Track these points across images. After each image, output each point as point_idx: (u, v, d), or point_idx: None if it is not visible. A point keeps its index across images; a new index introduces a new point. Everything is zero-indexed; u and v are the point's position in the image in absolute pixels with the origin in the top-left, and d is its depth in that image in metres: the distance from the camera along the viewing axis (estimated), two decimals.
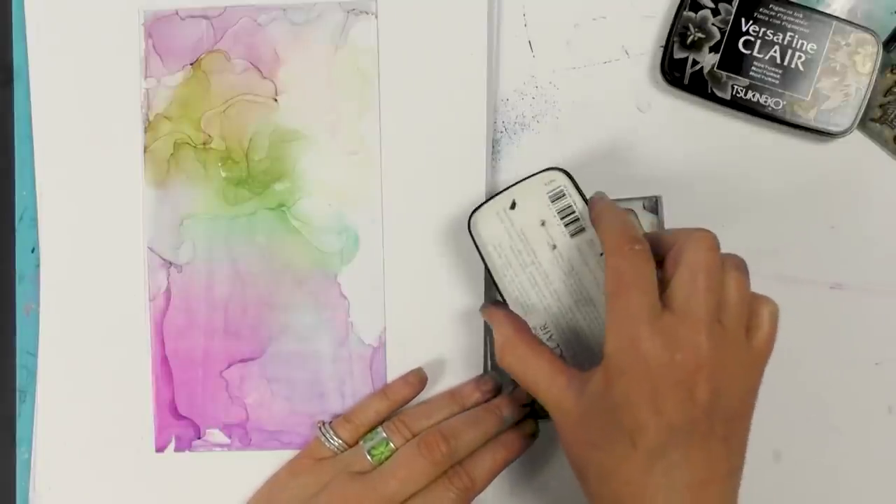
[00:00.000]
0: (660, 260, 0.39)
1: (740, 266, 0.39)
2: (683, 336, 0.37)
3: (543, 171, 0.44)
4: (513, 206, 0.43)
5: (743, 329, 0.38)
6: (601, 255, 0.42)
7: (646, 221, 0.48)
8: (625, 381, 0.37)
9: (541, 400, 0.40)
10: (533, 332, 0.43)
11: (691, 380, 0.36)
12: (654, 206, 0.48)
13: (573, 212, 0.43)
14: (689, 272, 0.37)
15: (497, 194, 0.44)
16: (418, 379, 0.48)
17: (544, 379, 0.40)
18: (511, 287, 0.43)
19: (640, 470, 0.37)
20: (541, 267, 0.43)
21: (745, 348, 0.38)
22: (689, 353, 0.36)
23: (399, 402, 0.48)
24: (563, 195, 0.43)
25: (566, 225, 0.43)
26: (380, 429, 0.46)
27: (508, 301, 0.43)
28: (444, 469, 0.44)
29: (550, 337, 0.43)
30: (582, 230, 0.43)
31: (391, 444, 0.45)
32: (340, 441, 0.46)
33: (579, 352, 0.43)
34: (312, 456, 0.47)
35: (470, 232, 0.44)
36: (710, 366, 0.36)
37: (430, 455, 0.43)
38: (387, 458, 0.45)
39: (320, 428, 0.47)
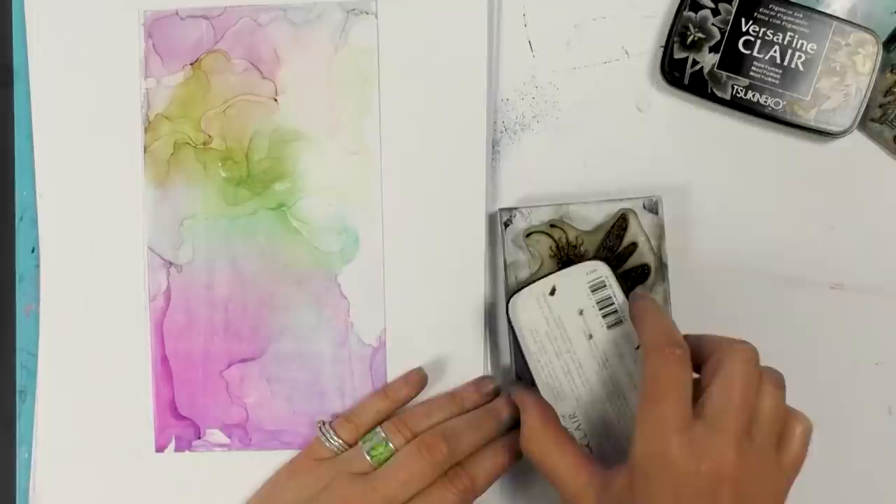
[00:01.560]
0: (698, 363, 0.39)
1: (778, 382, 0.39)
2: (712, 448, 0.37)
3: (586, 261, 0.45)
4: (553, 292, 0.44)
5: (773, 444, 0.38)
6: (637, 349, 0.42)
7: (646, 221, 0.48)
8: (649, 487, 0.37)
9: (559, 492, 0.40)
10: (561, 419, 0.43)
11: (715, 491, 0.36)
12: (654, 206, 0.48)
13: (612, 303, 0.43)
14: (726, 385, 0.38)
15: (538, 279, 0.44)
16: (418, 378, 0.48)
17: (566, 473, 0.40)
18: (544, 373, 0.44)
19: None
20: (575, 356, 0.43)
21: (773, 463, 0.38)
22: (715, 464, 0.36)
23: (399, 401, 0.47)
24: (604, 286, 0.44)
25: (604, 316, 0.43)
26: (379, 429, 0.46)
27: (540, 386, 0.44)
28: (443, 470, 0.44)
29: (578, 426, 0.43)
30: (619, 322, 0.43)
31: (391, 445, 0.45)
32: (340, 441, 0.46)
33: (606, 444, 0.43)
34: (312, 456, 0.47)
35: (507, 314, 0.44)
36: (736, 479, 0.36)
37: (430, 456, 0.43)
38: (386, 459, 0.45)
39: (320, 428, 0.47)
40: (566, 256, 0.48)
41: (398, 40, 0.50)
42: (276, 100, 0.50)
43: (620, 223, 0.48)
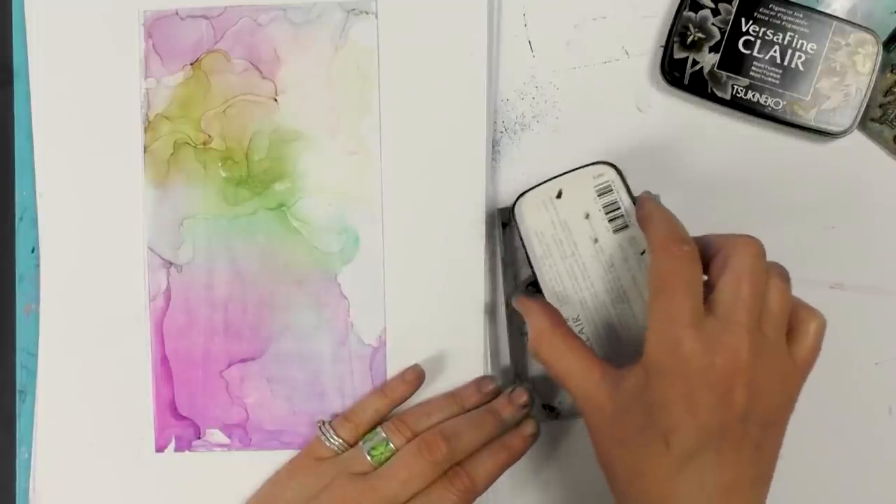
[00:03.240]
0: (705, 263, 0.39)
1: (783, 275, 0.39)
2: (724, 341, 0.37)
3: (593, 163, 0.44)
4: (559, 195, 0.43)
5: (783, 338, 0.39)
6: (642, 253, 0.42)
7: None
8: (663, 381, 0.37)
9: (573, 392, 0.40)
10: (560, 315, 0.42)
11: (728, 384, 0.36)
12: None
13: (618, 207, 0.43)
14: (734, 278, 0.38)
15: (544, 182, 0.44)
16: (416, 375, 0.48)
17: (578, 371, 0.40)
18: (549, 276, 0.43)
19: (670, 470, 0.37)
20: (580, 259, 0.43)
21: (785, 357, 0.39)
22: (728, 357, 0.36)
23: (398, 399, 0.48)
24: (611, 190, 0.43)
25: (610, 220, 0.43)
26: (379, 429, 0.46)
27: (545, 290, 0.43)
28: (444, 470, 0.44)
29: (581, 330, 0.43)
30: (625, 227, 0.43)
31: (391, 445, 0.45)
32: (340, 440, 0.46)
33: (609, 348, 0.43)
34: (312, 455, 0.47)
35: (513, 216, 0.44)
36: (749, 372, 0.37)
37: (430, 456, 0.43)
38: (387, 459, 0.45)
39: (320, 427, 0.47)
40: None
41: (398, 40, 0.50)
42: (276, 100, 0.50)
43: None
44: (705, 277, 0.39)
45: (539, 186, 0.44)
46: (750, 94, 0.48)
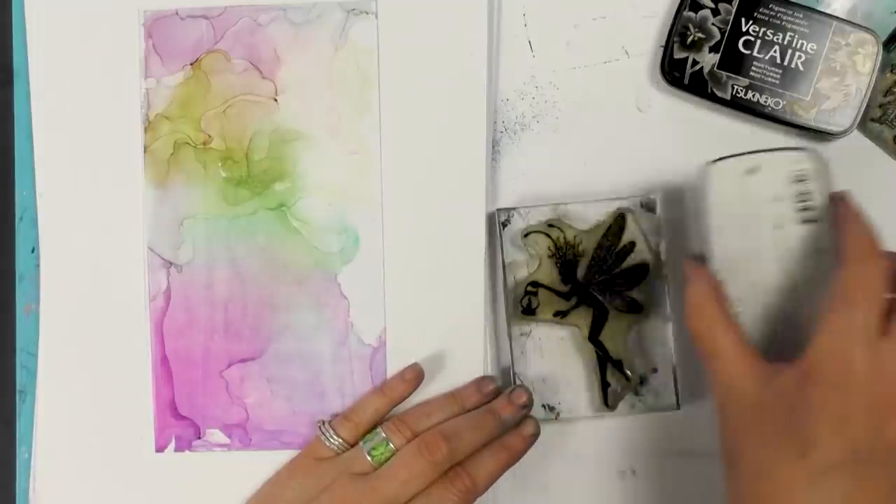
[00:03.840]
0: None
1: None
2: (894, 370, 0.36)
3: (795, 149, 0.42)
4: (752, 171, 0.41)
5: None
6: (819, 250, 0.40)
7: (644, 220, 0.48)
8: (821, 390, 0.36)
9: (715, 374, 0.39)
10: (723, 289, 0.41)
11: (887, 412, 0.35)
12: (651, 205, 0.48)
13: (811, 199, 0.41)
14: None
15: (740, 154, 0.42)
16: (415, 374, 0.48)
17: (728, 354, 0.38)
18: (721, 249, 0.41)
19: (800, 481, 0.36)
20: (759, 241, 0.41)
21: None
22: (894, 385, 0.36)
23: (397, 398, 0.47)
24: (806, 179, 0.41)
25: (799, 210, 0.41)
26: (379, 429, 0.46)
27: (714, 261, 0.41)
28: (444, 470, 0.44)
29: (740, 312, 0.41)
30: (813, 221, 0.41)
31: (391, 445, 0.45)
32: (340, 440, 0.46)
33: (763, 338, 0.41)
34: (312, 456, 0.47)
35: (702, 180, 0.42)
36: None
37: (430, 456, 0.43)
38: (387, 459, 0.44)
39: (320, 427, 0.47)
40: (564, 256, 0.48)
41: (398, 40, 0.50)
42: (276, 100, 0.50)
43: (618, 222, 0.48)
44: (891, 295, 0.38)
45: (733, 157, 0.42)
46: (750, 94, 0.48)
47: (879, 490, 0.36)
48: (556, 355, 0.49)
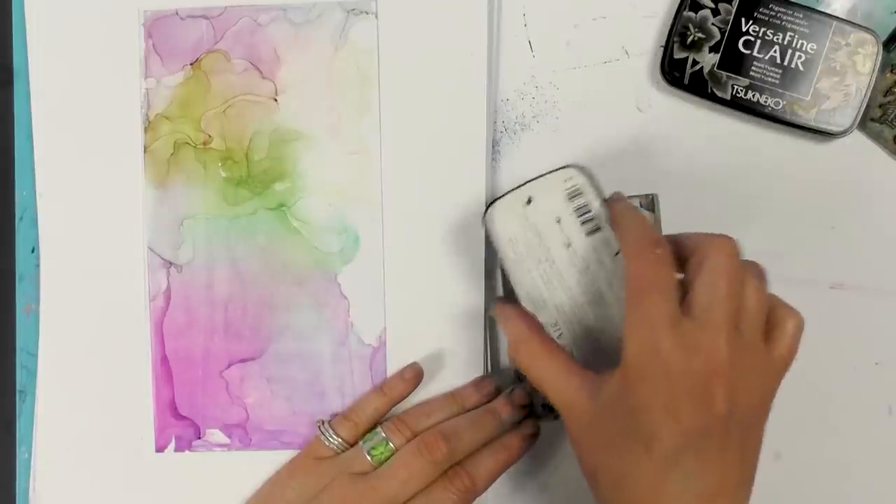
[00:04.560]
0: (680, 263, 0.39)
1: (760, 274, 0.39)
2: (703, 342, 0.37)
3: (561, 168, 0.43)
4: (529, 201, 0.43)
5: (761, 336, 0.38)
6: (616, 254, 0.42)
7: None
8: (643, 386, 0.37)
9: (553, 400, 0.40)
10: (536, 321, 0.42)
11: (709, 386, 0.36)
12: (650, 203, 0.48)
13: (589, 210, 0.43)
14: (711, 278, 0.37)
15: (514, 189, 0.43)
16: (414, 373, 0.48)
17: (558, 378, 0.40)
18: (523, 283, 0.43)
19: (653, 476, 0.37)
20: (554, 264, 0.42)
21: (763, 356, 0.38)
22: (707, 359, 0.36)
23: (396, 398, 0.48)
24: (580, 193, 0.43)
25: (582, 223, 0.43)
26: (379, 429, 0.46)
27: (520, 297, 0.43)
28: (443, 469, 0.44)
29: (561, 335, 0.43)
30: (598, 229, 0.42)
31: (391, 445, 0.45)
32: (340, 440, 0.46)
33: (589, 351, 0.43)
34: (312, 455, 0.47)
35: (485, 225, 0.44)
36: (728, 373, 0.36)
37: (429, 455, 0.43)
38: (387, 459, 0.45)
39: (320, 427, 0.47)
40: None
41: (398, 40, 0.50)
42: (276, 100, 0.50)
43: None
44: (681, 276, 0.39)
45: (508, 194, 0.43)
46: (750, 94, 0.48)
47: (726, 459, 0.37)
48: None
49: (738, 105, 0.48)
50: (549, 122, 0.50)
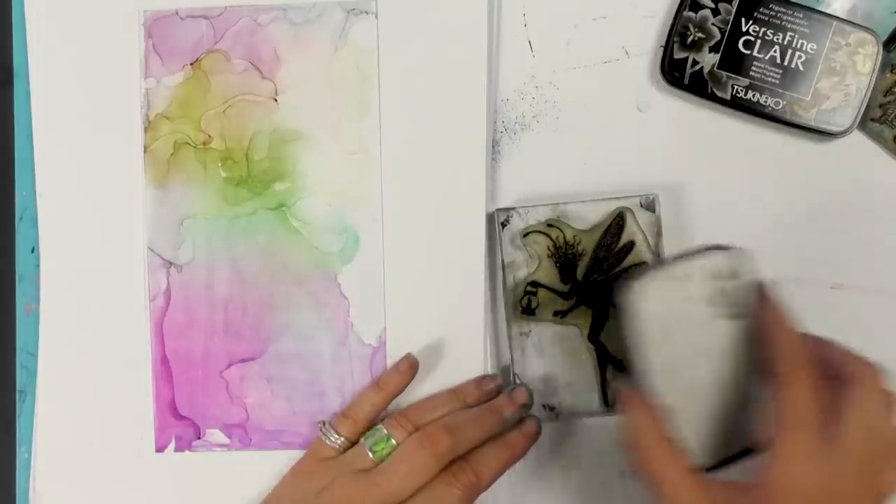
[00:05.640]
0: (826, 375, 0.39)
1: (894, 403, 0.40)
2: (842, 474, 0.37)
3: (709, 248, 0.41)
4: (677, 279, 0.41)
5: (887, 463, 0.39)
6: (750, 342, 0.41)
7: (643, 219, 0.48)
8: None
9: (664, 500, 0.39)
10: (665, 409, 0.41)
11: None
12: (651, 204, 0.48)
13: (735, 296, 0.41)
14: (862, 414, 0.38)
15: (659, 266, 0.41)
16: (409, 365, 0.47)
17: (676, 482, 0.39)
18: (653, 362, 0.41)
19: None
20: (689, 346, 0.41)
21: (879, 483, 0.39)
22: (851, 495, 0.37)
23: (393, 392, 0.47)
24: (731, 277, 0.41)
25: (725, 308, 0.41)
26: (381, 426, 0.46)
27: (650, 374, 0.41)
28: (445, 463, 0.44)
29: (682, 417, 0.41)
30: (740, 316, 0.41)
31: (392, 440, 0.45)
32: (342, 438, 0.46)
33: (709, 437, 0.41)
34: (316, 457, 0.47)
35: (621, 298, 0.41)
36: None
37: (432, 448, 0.43)
38: (388, 455, 0.44)
39: (321, 427, 0.47)
40: (564, 256, 0.48)
41: (398, 40, 0.50)
42: (276, 100, 0.50)
43: (617, 222, 0.48)
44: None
45: (657, 270, 0.41)
46: (750, 94, 0.48)
47: None
48: (555, 355, 0.49)
49: (738, 105, 0.48)
50: (549, 122, 0.50)
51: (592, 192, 0.49)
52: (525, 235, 0.48)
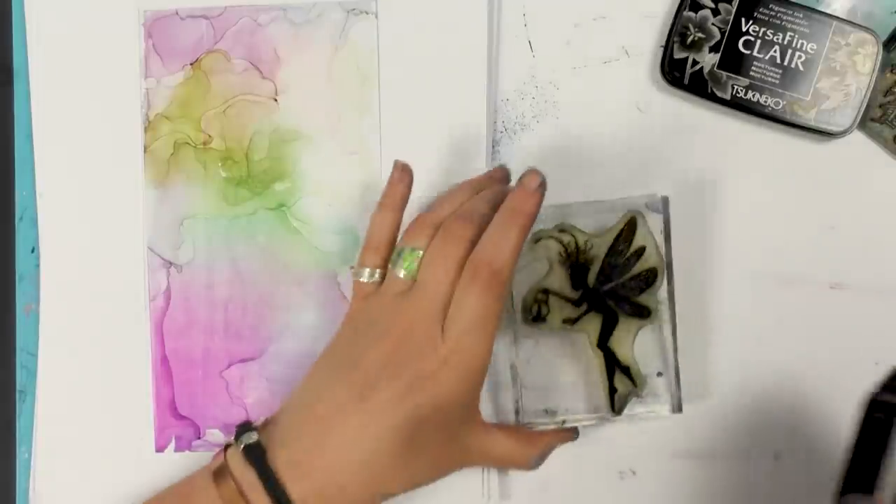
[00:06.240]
0: None
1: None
2: None
3: None
4: None
5: None
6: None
7: (653, 222, 0.46)
8: None
9: None
10: None
11: None
12: (659, 205, 0.46)
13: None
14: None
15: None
16: (401, 171, 0.45)
17: None
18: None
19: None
20: None
21: None
22: None
23: (399, 203, 0.45)
24: None
25: None
26: (401, 242, 0.44)
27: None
28: (474, 245, 0.41)
29: None
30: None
31: (417, 252, 0.43)
32: (374, 270, 0.44)
33: None
34: (359, 297, 0.44)
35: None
36: None
37: (455, 241, 0.41)
38: (419, 267, 0.42)
39: (352, 270, 0.45)
40: (576, 261, 0.46)
41: (398, 40, 0.50)
42: (276, 100, 0.50)
43: (631, 226, 0.46)
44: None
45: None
46: (750, 94, 0.48)
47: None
48: (561, 361, 0.48)
49: (738, 105, 0.48)
50: (549, 122, 0.50)
51: (592, 193, 0.49)
52: (536, 241, 0.46)
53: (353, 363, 0.42)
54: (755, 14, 0.48)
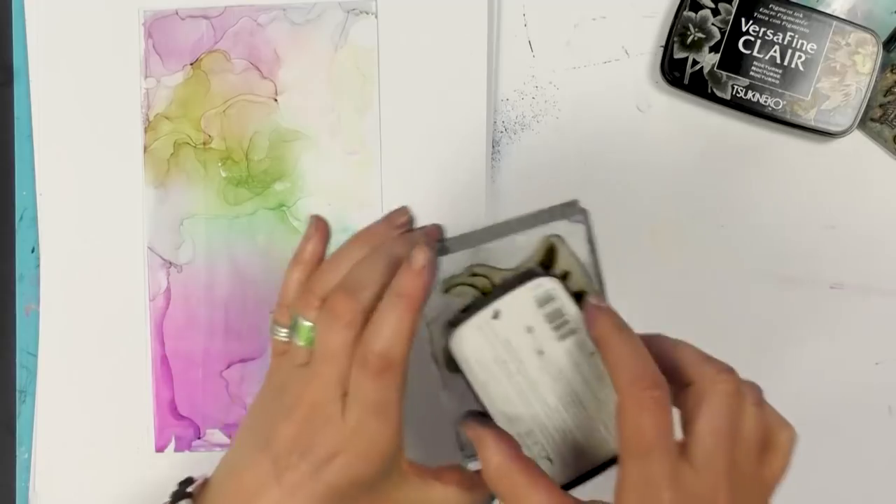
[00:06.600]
0: (675, 384, 0.37)
1: (758, 398, 0.37)
2: (704, 493, 0.35)
3: (529, 279, 0.40)
4: (496, 316, 0.39)
5: (757, 461, 0.37)
6: (592, 354, 0.39)
7: (574, 240, 0.42)
8: None
9: None
10: (518, 438, 0.39)
11: None
12: (573, 211, 0.40)
13: (562, 315, 0.39)
14: (712, 424, 0.35)
15: (479, 309, 0.39)
16: (314, 225, 0.42)
17: None
18: (496, 399, 0.40)
19: None
20: (527, 375, 0.39)
21: (758, 480, 0.37)
22: None
23: (311, 260, 0.42)
24: (551, 299, 0.39)
25: (555, 329, 0.39)
26: (294, 311, 0.40)
27: (493, 414, 0.40)
28: (362, 323, 0.38)
29: (536, 442, 0.40)
30: (571, 332, 0.39)
31: (306, 323, 0.39)
32: (284, 329, 0.41)
33: (567, 454, 0.40)
34: (274, 354, 0.42)
35: (451, 350, 0.40)
36: None
37: (338, 321, 0.38)
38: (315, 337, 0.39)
39: (270, 324, 0.42)
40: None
41: (398, 40, 0.50)
42: (276, 100, 0.50)
43: (549, 253, 0.41)
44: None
45: (473, 316, 0.39)
46: (750, 94, 0.48)
47: None
48: None
49: (738, 105, 0.48)
50: (549, 122, 0.50)
51: (591, 192, 0.47)
52: (447, 291, 0.41)
53: (267, 440, 0.39)
54: (755, 14, 0.48)
